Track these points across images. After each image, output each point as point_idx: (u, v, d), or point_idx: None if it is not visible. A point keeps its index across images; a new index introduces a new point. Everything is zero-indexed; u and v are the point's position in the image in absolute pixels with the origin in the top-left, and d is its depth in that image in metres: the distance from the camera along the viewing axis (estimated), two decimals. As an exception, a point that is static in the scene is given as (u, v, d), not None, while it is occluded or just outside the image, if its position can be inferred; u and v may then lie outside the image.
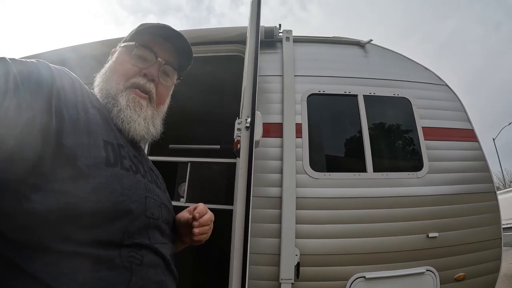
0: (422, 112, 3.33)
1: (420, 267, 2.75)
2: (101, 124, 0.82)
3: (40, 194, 0.64)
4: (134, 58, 1.01)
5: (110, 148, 0.79)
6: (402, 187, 2.98)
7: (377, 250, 2.76)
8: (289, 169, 2.90)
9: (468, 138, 3.31)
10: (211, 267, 3.77)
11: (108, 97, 0.94)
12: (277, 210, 2.80)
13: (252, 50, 2.13)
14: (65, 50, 3.53)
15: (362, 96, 3.30)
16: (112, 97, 0.94)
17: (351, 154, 3.28)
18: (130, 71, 0.99)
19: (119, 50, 1.06)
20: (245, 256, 1.87)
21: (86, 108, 0.80)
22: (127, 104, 0.94)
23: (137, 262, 0.75)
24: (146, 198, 0.85)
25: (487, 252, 2.95)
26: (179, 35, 1.11)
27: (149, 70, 1.00)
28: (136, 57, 1.01)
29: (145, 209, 0.83)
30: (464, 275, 2.82)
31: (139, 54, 1.02)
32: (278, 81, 3.29)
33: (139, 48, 1.02)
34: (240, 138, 2.00)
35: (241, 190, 1.98)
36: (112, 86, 0.96)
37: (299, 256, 2.66)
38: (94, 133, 0.77)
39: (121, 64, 1.01)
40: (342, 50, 3.66)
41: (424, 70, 3.61)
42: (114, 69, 1.00)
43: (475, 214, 3.01)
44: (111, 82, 0.97)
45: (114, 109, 0.92)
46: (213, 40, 3.45)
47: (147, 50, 1.02)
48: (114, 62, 1.03)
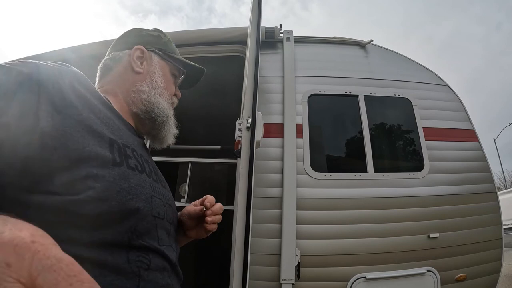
0: (423, 112, 3.32)
1: (420, 268, 2.75)
2: (107, 123, 0.82)
3: (43, 195, 0.63)
4: (176, 83, 1.22)
5: (116, 147, 0.79)
6: (403, 188, 2.98)
7: (378, 250, 2.76)
8: (290, 170, 2.90)
9: (469, 139, 3.30)
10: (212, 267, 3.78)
11: (162, 112, 1.08)
12: (278, 210, 2.80)
13: (253, 51, 2.13)
14: (65, 51, 3.53)
15: (363, 97, 3.30)
16: (166, 115, 1.09)
17: (352, 155, 3.29)
18: (172, 92, 1.18)
19: (165, 64, 1.17)
20: (246, 257, 1.87)
21: (91, 107, 0.79)
22: (173, 123, 1.14)
23: (144, 267, 0.74)
24: (152, 197, 0.85)
25: (488, 253, 2.95)
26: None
27: (179, 92, 1.23)
28: (179, 83, 1.24)
29: (152, 208, 0.83)
30: (465, 276, 2.82)
31: (179, 81, 1.24)
32: (278, 81, 3.29)
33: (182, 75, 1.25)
34: (241, 138, 2.00)
35: (242, 190, 1.98)
36: (164, 103, 1.09)
37: (299, 256, 2.66)
38: (99, 132, 0.77)
39: (168, 83, 1.15)
40: (343, 50, 3.66)
41: (424, 70, 3.61)
42: (165, 86, 1.13)
43: (476, 214, 3.01)
44: (163, 98, 1.10)
45: (165, 124, 1.10)
46: (214, 41, 3.45)
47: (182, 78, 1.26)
48: (163, 78, 1.13)
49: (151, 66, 1.10)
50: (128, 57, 1.08)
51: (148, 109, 1.04)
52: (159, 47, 1.16)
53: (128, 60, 1.08)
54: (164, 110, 1.08)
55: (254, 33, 2.16)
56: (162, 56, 1.15)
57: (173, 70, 1.18)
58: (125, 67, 1.07)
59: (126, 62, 1.08)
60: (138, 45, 1.10)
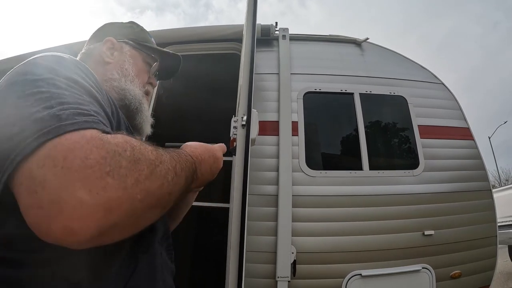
0: (418, 110, 3.33)
1: (416, 265, 2.76)
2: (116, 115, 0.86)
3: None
4: (151, 71, 1.22)
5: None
6: (398, 185, 2.99)
7: (373, 248, 2.76)
8: (285, 167, 2.89)
9: (464, 137, 3.32)
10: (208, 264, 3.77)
11: (134, 98, 1.08)
12: (273, 208, 2.80)
13: (248, 48, 2.12)
14: (60, 48, 3.51)
15: (358, 94, 3.30)
16: (139, 101, 1.09)
17: (347, 152, 3.29)
18: (145, 80, 1.18)
19: (136, 52, 1.18)
20: (241, 254, 1.87)
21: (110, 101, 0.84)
22: (146, 111, 1.14)
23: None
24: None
25: (483, 250, 2.96)
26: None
27: (154, 81, 1.24)
28: (153, 71, 1.23)
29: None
30: (460, 273, 2.84)
31: (155, 70, 1.24)
32: (274, 79, 3.28)
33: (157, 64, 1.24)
34: (236, 136, 1.99)
35: (238, 188, 1.97)
36: (136, 89, 1.10)
37: (295, 254, 2.66)
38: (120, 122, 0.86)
39: (140, 71, 1.16)
40: (339, 48, 3.66)
41: (420, 68, 3.61)
42: (136, 73, 1.13)
43: (471, 212, 3.02)
44: (135, 85, 1.11)
45: (139, 111, 1.09)
46: (210, 38, 3.44)
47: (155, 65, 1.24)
48: (134, 66, 1.14)
49: (121, 55, 1.13)
50: (99, 49, 1.11)
51: (121, 96, 1.05)
52: (131, 37, 1.19)
53: (99, 53, 1.10)
54: (136, 96, 1.08)
55: (250, 30, 2.15)
56: (133, 45, 1.18)
57: (146, 59, 1.20)
58: (97, 59, 1.09)
59: (97, 55, 1.10)
60: (108, 37, 1.14)
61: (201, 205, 3.65)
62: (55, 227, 0.45)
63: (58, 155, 0.48)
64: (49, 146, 0.49)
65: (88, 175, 0.47)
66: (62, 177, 0.46)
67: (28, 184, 0.47)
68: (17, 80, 0.64)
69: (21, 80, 0.63)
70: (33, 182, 0.47)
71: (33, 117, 0.54)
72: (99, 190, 0.47)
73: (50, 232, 0.46)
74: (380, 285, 2.72)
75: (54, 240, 0.47)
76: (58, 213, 0.45)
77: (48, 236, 0.46)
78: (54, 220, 0.45)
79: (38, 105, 0.56)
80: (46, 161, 0.48)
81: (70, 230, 0.45)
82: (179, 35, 3.43)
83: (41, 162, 0.48)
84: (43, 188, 0.46)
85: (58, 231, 0.45)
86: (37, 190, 0.46)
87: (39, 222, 0.46)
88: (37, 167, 0.48)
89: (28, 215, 0.47)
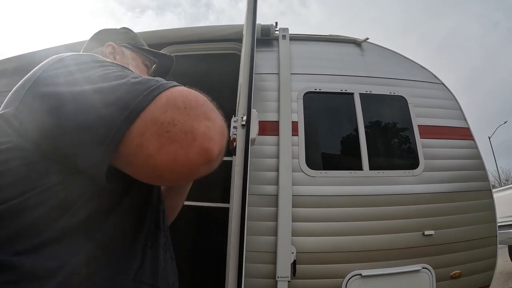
0: (418, 110, 3.33)
1: (416, 265, 2.76)
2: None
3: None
4: (150, 73, 1.30)
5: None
6: (398, 185, 2.99)
7: (373, 248, 2.76)
8: (285, 167, 2.89)
9: (464, 137, 3.31)
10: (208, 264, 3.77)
11: None
12: (273, 208, 2.80)
13: (248, 48, 2.12)
14: (60, 49, 3.51)
15: (358, 94, 3.30)
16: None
17: (347, 152, 3.29)
18: None
19: (136, 55, 1.25)
20: (241, 254, 1.87)
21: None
22: None
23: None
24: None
25: (483, 250, 2.96)
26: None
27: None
28: (151, 72, 1.31)
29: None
30: (460, 273, 2.84)
31: (153, 71, 1.32)
32: (274, 79, 3.28)
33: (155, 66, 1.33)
34: (236, 136, 1.99)
35: (238, 188, 1.98)
36: None
37: (295, 254, 2.66)
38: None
39: (142, 72, 1.22)
40: (339, 48, 3.66)
41: (420, 68, 3.61)
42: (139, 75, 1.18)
43: (471, 212, 3.02)
44: None
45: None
46: (210, 38, 3.44)
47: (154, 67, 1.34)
48: (136, 68, 1.21)
49: (124, 58, 1.18)
50: (102, 53, 1.15)
51: None
52: (129, 41, 1.25)
53: (103, 56, 1.11)
54: None
55: (250, 30, 2.15)
56: (133, 49, 1.24)
57: (145, 61, 1.27)
58: None
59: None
60: (109, 42, 1.18)
61: (201, 205, 3.65)
62: (192, 151, 0.55)
63: (177, 100, 0.59)
64: (164, 97, 0.59)
65: (205, 110, 0.60)
66: (188, 114, 0.57)
67: (155, 129, 0.55)
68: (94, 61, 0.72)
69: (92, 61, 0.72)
70: (162, 125, 0.55)
71: (132, 81, 0.63)
72: (215, 119, 0.60)
73: (189, 157, 0.55)
74: (380, 285, 2.72)
75: (192, 164, 0.56)
76: (192, 140, 0.55)
77: (186, 162, 0.56)
78: (191, 146, 0.55)
79: (127, 75, 0.66)
80: (169, 107, 0.58)
81: (205, 150, 0.56)
82: (179, 35, 3.43)
83: (163, 109, 0.57)
84: (174, 126, 0.55)
85: (195, 154, 0.56)
86: (169, 129, 0.55)
87: (176, 154, 0.55)
88: (161, 113, 0.57)
89: (159, 155, 0.55)
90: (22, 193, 0.61)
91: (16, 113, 0.65)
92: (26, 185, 0.62)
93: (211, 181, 4.01)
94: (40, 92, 0.65)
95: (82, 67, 0.69)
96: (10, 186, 0.62)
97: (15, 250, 0.59)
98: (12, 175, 0.62)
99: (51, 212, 0.62)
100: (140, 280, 0.72)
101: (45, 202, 0.62)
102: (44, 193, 0.62)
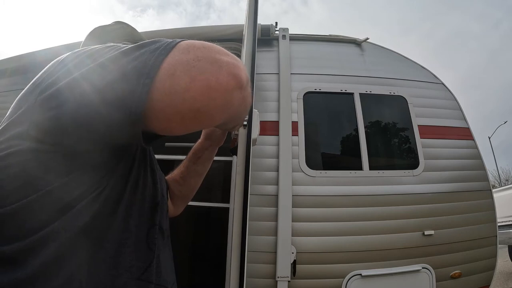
0: (418, 110, 3.33)
1: (415, 265, 2.76)
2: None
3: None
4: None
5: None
6: (398, 185, 2.99)
7: (373, 248, 2.76)
8: (286, 167, 2.89)
9: (464, 137, 3.32)
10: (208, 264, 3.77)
11: None
12: (274, 208, 2.80)
13: (249, 49, 2.12)
14: (59, 48, 3.50)
15: (358, 94, 3.30)
16: None
17: (347, 152, 3.29)
18: None
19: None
20: (243, 255, 1.86)
21: None
22: None
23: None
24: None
25: (483, 250, 2.96)
26: None
27: None
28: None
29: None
30: (460, 273, 2.84)
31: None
32: (274, 79, 3.28)
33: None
34: (238, 136, 1.99)
35: (239, 188, 1.97)
36: None
37: (295, 254, 2.66)
38: None
39: None
40: (339, 48, 3.66)
41: (420, 68, 3.61)
42: None
43: (471, 212, 3.02)
44: None
45: None
46: (210, 38, 3.41)
47: None
48: None
49: None
50: None
51: None
52: (127, 38, 1.18)
53: None
54: None
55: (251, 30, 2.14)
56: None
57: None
58: None
59: None
60: (107, 44, 1.13)
61: (201, 205, 3.65)
62: (222, 76, 0.59)
63: (196, 43, 0.63)
64: (183, 43, 0.63)
65: (221, 49, 0.63)
66: (208, 51, 0.61)
67: (183, 67, 0.58)
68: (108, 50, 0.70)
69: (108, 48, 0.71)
70: (188, 62, 0.58)
71: (148, 41, 0.67)
72: (233, 56, 0.64)
73: (220, 82, 0.58)
74: (380, 285, 2.72)
75: (225, 88, 0.59)
76: (219, 67, 0.59)
77: (219, 87, 0.59)
78: (220, 72, 0.59)
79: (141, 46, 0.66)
80: (190, 48, 0.61)
81: (233, 75, 0.60)
82: (178, 35, 3.41)
83: (185, 51, 0.61)
84: (199, 61, 0.58)
85: (225, 78, 0.59)
86: (195, 64, 0.58)
87: (208, 81, 0.58)
88: (185, 54, 0.60)
89: (194, 86, 0.57)
90: (32, 193, 0.62)
91: (31, 116, 0.66)
92: (36, 186, 0.62)
93: (211, 181, 4.02)
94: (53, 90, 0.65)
95: (93, 52, 0.70)
96: (22, 187, 0.62)
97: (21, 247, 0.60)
98: (23, 177, 0.63)
99: (57, 211, 0.63)
100: (146, 280, 0.75)
101: (53, 202, 0.63)
102: (52, 192, 0.63)
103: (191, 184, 1.32)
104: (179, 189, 1.28)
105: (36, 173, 0.63)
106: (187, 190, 1.32)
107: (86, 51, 0.71)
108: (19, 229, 0.61)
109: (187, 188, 1.31)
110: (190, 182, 1.31)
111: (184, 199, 1.32)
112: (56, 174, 0.64)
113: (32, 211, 0.61)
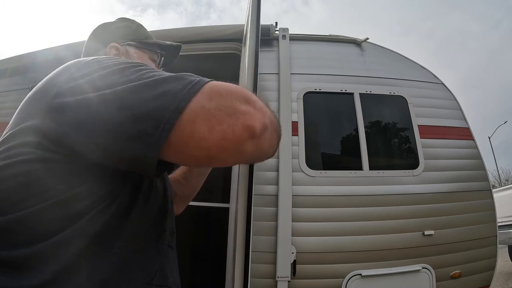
0: (418, 110, 3.33)
1: (415, 265, 2.76)
2: None
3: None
4: (158, 66, 1.23)
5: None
6: (398, 185, 2.99)
7: (373, 247, 2.76)
8: (285, 167, 2.89)
9: (464, 137, 3.31)
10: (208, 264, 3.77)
11: None
12: (273, 208, 2.79)
13: (252, 49, 2.11)
14: (60, 48, 3.50)
15: (358, 94, 3.29)
16: None
17: (347, 152, 3.29)
18: None
19: (142, 52, 1.18)
20: (247, 255, 1.87)
21: None
22: None
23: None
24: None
25: (483, 250, 2.96)
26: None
27: None
28: (158, 65, 1.24)
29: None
30: (460, 273, 2.84)
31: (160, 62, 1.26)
32: (274, 79, 3.28)
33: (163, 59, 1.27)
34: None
35: (243, 188, 1.98)
36: None
37: (295, 254, 2.66)
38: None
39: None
40: (339, 48, 3.66)
41: (420, 68, 3.61)
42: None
43: (471, 212, 3.02)
44: None
45: None
46: (210, 38, 3.43)
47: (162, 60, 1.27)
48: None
49: (129, 59, 1.10)
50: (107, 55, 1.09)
51: None
52: (132, 37, 1.17)
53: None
54: None
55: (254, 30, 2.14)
56: (137, 45, 1.18)
57: (152, 56, 1.22)
58: None
59: None
60: (111, 43, 1.12)
61: (201, 205, 3.65)
62: (238, 128, 0.60)
63: (219, 89, 0.64)
64: (207, 88, 0.63)
65: (244, 95, 0.65)
66: (230, 100, 0.62)
67: (204, 115, 0.60)
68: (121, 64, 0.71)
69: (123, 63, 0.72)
70: (209, 111, 0.60)
71: (173, 76, 0.66)
72: (254, 101, 0.65)
73: (235, 134, 0.60)
74: (380, 285, 2.72)
75: (238, 140, 0.61)
76: (236, 119, 0.60)
77: (233, 139, 0.60)
78: (236, 124, 0.60)
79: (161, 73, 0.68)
80: (213, 95, 0.62)
81: (247, 126, 0.61)
82: (178, 35, 3.41)
83: (209, 98, 0.62)
84: (220, 110, 0.60)
85: (240, 130, 0.60)
86: (215, 114, 0.60)
87: (224, 133, 0.59)
88: (207, 101, 0.61)
89: (211, 137, 0.59)
90: (42, 202, 0.63)
91: (42, 127, 0.66)
92: (46, 195, 0.63)
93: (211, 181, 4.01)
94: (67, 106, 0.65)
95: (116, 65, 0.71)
96: (34, 196, 0.63)
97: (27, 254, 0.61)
98: (33, 186, 0.64)
99: (68, 219, 0.64)
100: (156, 284, 0.76)
101: (64, 210, 0.64)
102: (63, 201, 0.64)
103: (193, 185, 1.32)
104: (181, 189, 1.27)
105: (48, 182, 0.64)
106: (189, 191, 1.32)
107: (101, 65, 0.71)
108: (25, 236, 0.61)
109: (189, 189, 1.31)
110: (192, 183, 1.31)
111: (186, 199, 1.32)
112: (68, 184, 0.65)
113: (40, 219, 0.62)
